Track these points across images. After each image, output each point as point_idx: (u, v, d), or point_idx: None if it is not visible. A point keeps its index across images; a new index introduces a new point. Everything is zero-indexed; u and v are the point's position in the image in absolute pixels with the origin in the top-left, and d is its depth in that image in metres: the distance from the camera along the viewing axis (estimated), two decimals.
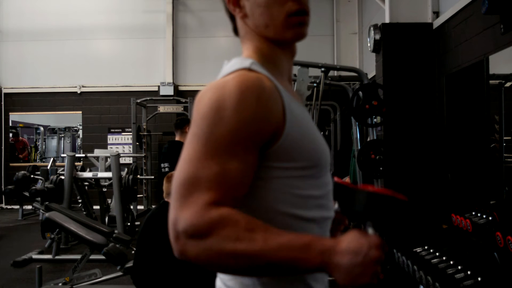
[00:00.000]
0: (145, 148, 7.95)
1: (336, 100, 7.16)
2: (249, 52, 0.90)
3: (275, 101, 0.78)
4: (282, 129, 0.78)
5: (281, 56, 0.91)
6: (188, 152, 0.75)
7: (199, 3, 8.90)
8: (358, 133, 4.16)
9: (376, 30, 3.99)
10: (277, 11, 0.85)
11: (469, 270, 1.92)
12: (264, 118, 0.75)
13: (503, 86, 3.09)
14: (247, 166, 0.75)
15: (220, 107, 0.74)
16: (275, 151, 0.78)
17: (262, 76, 0.79)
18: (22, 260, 4.59)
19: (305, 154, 0.81)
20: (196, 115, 0.77)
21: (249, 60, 0.83)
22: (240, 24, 0.91)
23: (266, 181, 0.80)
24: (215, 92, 0.76)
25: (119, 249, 3.53)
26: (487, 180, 3.12)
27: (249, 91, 0.75)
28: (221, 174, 0.73)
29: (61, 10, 9.00)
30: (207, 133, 0.74)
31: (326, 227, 0.88)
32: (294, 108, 0.82)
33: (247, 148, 0.75)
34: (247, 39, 0.91)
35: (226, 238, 0.69)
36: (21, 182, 7.14)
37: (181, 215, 0.71)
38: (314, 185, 0.84)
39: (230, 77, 0.78)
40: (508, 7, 2.73)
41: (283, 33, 0.86)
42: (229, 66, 0.84)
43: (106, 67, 8.91)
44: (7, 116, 9.20)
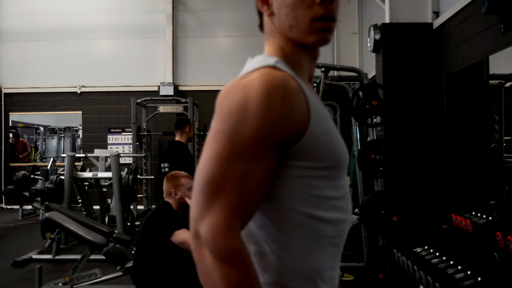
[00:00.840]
0: (145, 148, 7.95)
1: (336, 100, 7.16)
2: (272, 49, 0.89)
3: (300, 101, 0.78)
4: (306, 128, 0.77)
5: (304, 57, 0.90)
6: (212, 149, 0.75)
7: (199, 3, 8.90)
8: (358, 133, 4.16)
9: (376, 30, 3.99)
10: (302, 13, 0.84)
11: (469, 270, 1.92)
12: (290, 118, 0.75)
13: (503, 86, 3.09)
14: (270, 166, 0.76)
15: (246, 105, 0.74)
16: (297, 149, 0.78)
17: (287, 75, 0.79)
18: (22, 260, 4.59)
19: (326, 154, 0.81)
20: (221, 112, 0.77)
21: (274, 58, 0.82)
22: (267, 22, 0.91)
23: (284, 179, 0.80)
24: (241, 90, 0.76)
25: (119, 249, 3.53)
26: (487, 180, 3.12)
27: (275, 90, 0.75)
28: (246, 176, 0.73)
29: (61, 10, 9.00)
30: (233, 131, 0.74)
31: (343, 229, 0.87)
32: (318, 108, 0.81)
33: (272, 148, 0.75)
34: (271, 36, 0.91)
35: (228, 277, 0.71)
36: (21, 182, 7.14)
37: (205, 219, 0.73)
38: (332, 186, 0.84)
39: (256, 75, 0.77)
40: (508, 7, 2.73)
41: (306, 37, 0.86)
42: (253, 63, 0.83)
43: (106, 67, 8.91)
44: (7, 116, 9.20)
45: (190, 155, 4.44)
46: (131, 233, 5.58)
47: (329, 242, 0.84)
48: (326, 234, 0.83)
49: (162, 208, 2.74)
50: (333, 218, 0.84)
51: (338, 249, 0.88)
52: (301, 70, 0.89)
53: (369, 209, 3.26)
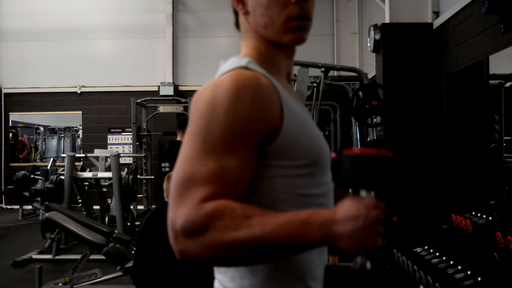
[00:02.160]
0: (145, 148, 7.95)
1: (336, 100, 7.16)
2: (247, 50, 0.90)
3: (272, 99, 0.78)
4: (280, 127, 0.78)
5: (280, 55, 0.90)
6: (185, 151, 0.75)
7: (199, 3, 8.90)
8: (358, 133, 4.16)
9: (376, 30, 3.99)
10: (277, 13, 0.84)
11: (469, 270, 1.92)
12: (261, 116, 0.75)
13: (503, 86, 3.09)
14: (244, 164, 0.75)
15: (216, 105, 0.74)
16: (274, 149, 0.78)
17: (259, 74, 0.79)
18: (22, 260, 4.59)
19: (304, 152, 0.81)
20: (193, 114, 0.77)
21: (246, 59, 0.83)
22: (242, 20, 0.92)
23: (266, 180, 0.80)
24: (212, 90, 0.77)
25: (119, 249, 3.53)
26: (487, 180, 3.12)
27: (245, 89, 0.75)
28: (218, 170, 0.72)
29: (61, 10, 9.00)
30: (204, 131, 0.74)
31: None
32: (292, 107, 0.81)
33: (244, 145, 0.74)
34: (246, 36, 0.91)
35: (224, 228, 0.68)
36: (21, 182, 7.14)
37: (178, 213, 0.70)
38: (314, 183, 0.84)
39: (226, 76, 0.78)
40: (508, 7, 2.73)
41: (281, 36, 0.86)
42: (226, 65, 0.84)
43: (106, 67, 8.91)
44: (7, 116, 9.20)
45: None
46: (131, 233, 5.58)
47: None
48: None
49: (162, 208, 2.73)
50: None
51: (323, 246, 0.87)
52: (277, 68, 0.89)
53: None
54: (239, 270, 0.82)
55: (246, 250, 0.68)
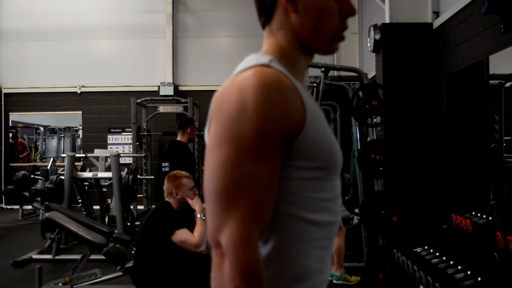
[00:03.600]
0: (145, 148, 7.95)
1: (336, 100, 7.16)
2: (270, 48, 0.89)
3: (295, 98, 0.77)
4: (303, 126, 0.77)
5: (302, 60, 0.90)
6: (218, 156, 0.74)
7: (199, 3, 8.90)
8: (358, 133, 4.16)
9: (376, 30, 3.99)
10: (331, 21, 0.86)
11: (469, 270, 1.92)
12: (288, 116, 0.75)
13: (503, 86, 3.09)
14: (277, 166, 0.76)
15: (245, 107, 0.73)
16: (293, 148, 0.77)
17: (280, 73, 0.78)
18: (22, 260, 4.59)
19: (320, 154, 0.80)
20: (220, 117, 0.76)
21: (268, 57, 0.82)
22: (281, 18, 0.88)
23: (281, 180, 0.79)
24: (237, 92, 0.75)
25: (119, 249, 3.53)
26: (487, 180, 3.12)
27: (271, 89, 0.74)
28: (257, 180, 0.73)
29: (61, 10, 9.00)
30: (236, 135, 0.73)
31: (331, 231, 0.86)
32: (313, 107, 0.81)
33: (275, 147, 0.74)
34: (278, 32, 0.89)
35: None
36: (21, 182, 7.14)
37: (225, 229, 0.72)
38: (324, 187, 0.83)
39: (249, 74, 0.77)
40: (508, 7, 2.73)
41: (329, 43, 0.88)
42: (246, 61, 0.83)
43: (106, 67, 8.92)
44: (7, 116, 9.20)
45: (191, 155, 4.44)
46: (131, 233, 5.58)
47: (317, 245, 0.83)
48: (315, 237, 0.82)
49: (163, 208, 2.74)
50: (322, 221, 0.83)
51: (327, 252, 0.87)
52: (297, 70, 0.89)
53: (369, 209, 3.26)
54: None
55: None
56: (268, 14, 0.89)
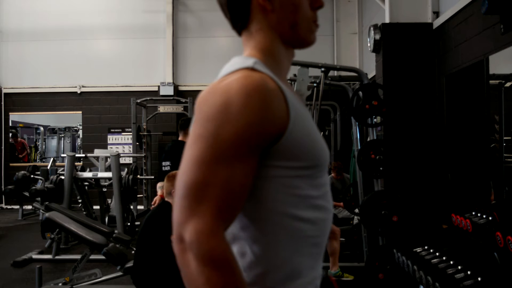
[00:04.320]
0: (145, 148, 7.95)
1: (336, 100, 7.17)
2: (253, 50, 0.90)
3: (279, 101, 0.78)
4: (286, 128, 0.78)
5: (285, 57, 0.92)
6: (192, 154, 0.75)
7: (199, 3, 8.90)
8: (358, 133, 4.16)
9: (376, 30, 3.99)
10: (307, 14, 0.89)
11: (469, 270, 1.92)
12: (270, 120, 0.75)
13: (503, 86, 3.09)
14: (251, 168, 0.76)
15: (226, 109, 0.74)
16: (277, 149, 0.78)
17: (266, 77, 0.79)
18: (22, 260, 4.59)
19: (306, 154, 0.81)
20: (200, 117, 0.77)
21: (252, 59, 0.83)
22: (259, 18, 0.89)
23: (265, 179, 0.80)
24: (221, 94, 0.76)
25: (119, 249, 3.53)
26: (487, 180, 3.12)
27: (254, 93, 0.75)
28: (228, 180, 0.73)
29: (61, 10, 9.00)
30: (214, 135, 0.74)
31: (323, 228, 0.87)
32: (297, 108, 0.82)
33: (252, 150, 0.75)
34: (258, 34, 0.90)
35: (212, 281, 0.70)
36: (21, 182, 7.14)
37: (189, 224, 0.72)
38: (312, 185, 0.84)
39: (234, 77, 0.77)
40: (508, 7, 2.73)
41: (308, 35, 0.91)
42: (230, 65, 0.84)
43: (106, 67, 8.92)
44: (7, 116, 9.20)
45: None
46: (131, 233, 5.59)
47: (310, 242, 0.84)
48: (307, 234, 0.83)
49: (162, 208, 2.74)
50: (313, 218, 0.84)
51: (319, 249, 0.87)
52: (281, 69, 0.91)
53: (369, 209, 3.26)
54: None
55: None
56: (245, 19, 0.91)
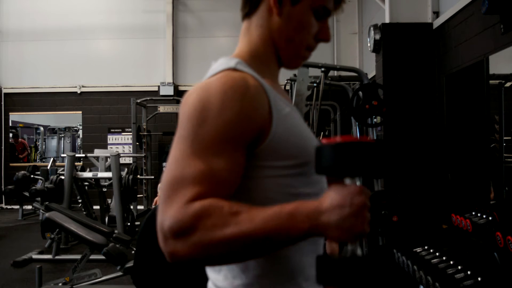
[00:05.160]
0: (145, 148, 7.95)
1: (336, 100, 7.16)
2: (242, 49, 0.90)
3: (260, 100, 0.78)
4: (269, 128, 0.78)
5: (274, 60, 0.92)
6: (174, 154, 0.75)
7: (199, 3, 8.90)
8: (358, 133, 4.15)
9: (376, 30, 3.99)
10: (305, 38, 0.87)
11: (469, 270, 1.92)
12: (249, 117, 0.75)
13: (503, 86, 3.09)
14: (233, 165, 0.75)
15: (204, 107, 0.74)
16: (264, 150, 0.78)
17: (247, 75, 0.79)
18: (22, 260, 4.59)
19: (294, 152, 0.81)
20: (181, 117, 0.77)
21: (235, 60, 0.83)
22: (264, 16, 0.88)
23: (257, 180, 0.80)
24: (199, 93, 0.77)
25: (119, 249, 3.52)
26: (487, 180, 3.12)
27: (232, 91, 0.75)
28: (206, 171, 0.72)
29: (61, 10, 9.00)
30: (192, 133, 0.74)
31: None
32: (281, 107, 0.81)
33: (232, 146, 0.74)
34: (255, 30, 0.89)
35: (212, 227, 0.68)
36: (21, 182, 7.14)
37: (166, 215, 0.70)
38: (306, 182, 0.84)
39: (214, 78, 0.78)
40: (508, 7, 2.73)
41: (294, 58, 0.90)
42: (215, 67, 0.84)
43: (106, 67, 8.91)
44: (7, 116, 9.20)
45: None
46: (131, 233, 5.58)
47: (309, 240, 0.82)
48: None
49: None
50: None
51: (318, 246, 0.87)
52: (269, 70, 0.90)
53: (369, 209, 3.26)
54: (232, 270, 0.82)
55: (236, 247, 0.68)
56: (252, 7, 0.89)
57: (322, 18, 0.88)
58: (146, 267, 2.62)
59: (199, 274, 2.53)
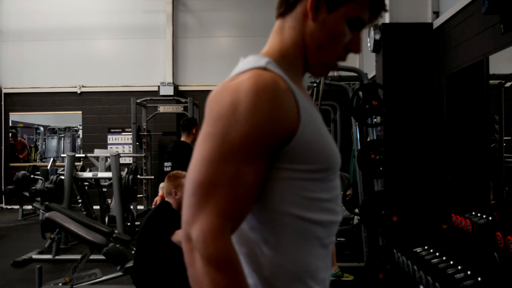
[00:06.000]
0: (145, 148, 7.95)
1: (336, 100, 7.15)
2: (273, 47, 0.89)
3: (289, 102, 0.78)
4: (296, 130, 0.77)
5: (302, 63, 0.91)
6: (202, 152, 0.75)
7: (199, 3, 8.90)
8: (358, 133, 4.16)
9: (376, 30, 3.99)
10: (336, 47, 0.87)
11: (469, 270, 1.92)
12: (279, 120, 0.75)
13: (503, 86, 3.09)
14: (260, 169, 0.76)
15: (235, 108, 0.74)
16: (288, 152, 0.78)
17: (277, 77, 0.79)
18: (22, 260, 4.59)
19: (317, 157, 0.81)
20: (210, 115, 0.77)
21: (265, 59, 0.82)
22: (298, 17, 0.87)
23: (276, 181, 0.79)
24: (231, 93, 0.76)
25: (119, 249, 3.53)
26: (487, 180, 3.12)
27: (264, 92, 0.74)
28: (236, 179, 0.73)
29: (61, 10, 9.00)
30: (223, 134, 0.74)
31: (332, 230, 0.87)
32: (309, 110, 0.81)
33: (261, 150, 0.75)
34: (288, 32, 0.88)
35: (216, 282, 0.71)
36: (21, 182, 7.14)
37: (197, 223, 0.73)
38: (324, 188, 0.84)
39: (245, 77, 0.77)
40: (508, 7, 2.73)
41: (321, 66, 0.90)
42: (244, 64, 0.83)
43: (106, 67, 8.91)
44: (7, 116, 9.20)
45: None
46: (131, 233, 5.58)
47: (319, 243, 0.84)
48: (316, 236, 0.83)
49: (162, 208, 2.74)
50: (324, 220, 0.84)
51: (328, 250, 0.87)
52: (296, 72, 0.90)
53: (369, 209, 3.26)
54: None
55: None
56: (288, 8, 0.88)
57: (356, 29, 0.88)
58: (146, 267, 2.62)
59: None
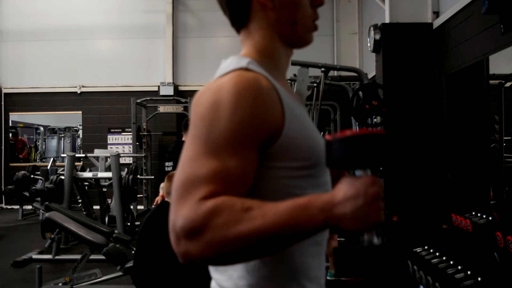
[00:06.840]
0: (145, 148, 7.95)
1: (336, 100, 7.16)
2: (250, 49, 0.90)
3: (273, 101, 0.78)
4: (281, 129, 0.78)
5: (284, 55, 0.92)
6: (187, 153, 0.75)
7: (199, 3, 8.90)
8: None
9: (376, 30, 3.99)
10: (307, 13, 0.89)
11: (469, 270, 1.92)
12: (262, 118, 0.75)
13: (503, 86, 3.09)
14: (246, 164, 0.75)
15: (217, 108, 0.74)
16: (275, 150, 0.78)
17: (259, 76, 0.79)
18: (22, 260, 4.59)
19: (304, 153, 0.81)
20: (194, 117, 0.77)
21: (246, 59, 0.83)
22: (259, 16, 0.89)
23: (267, 181, 0.80)
24: (212, 94, 0.76)
25: (119, 249, 3.53)
26: (487, 180, 3.12)
27: (245, 91, 0.75)
28: (220, 170, 0.72)
29: (61, 10, 9.00)
30: (205, 133, 0.74)
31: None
32: (293, 108, 0.82)
33: (245, 147, 0.75)
34: (257, 33, 0.90)
35: (225, 225, 0.67)
36: (21, 182, 7.14)
37: (178, 214, 0.70)
38: (314, 184, 0.84)
39: (227, 78, 0.78)
40: (508, 7, 2.73)
41: (306, 34, 0.91)
42: (225, 65, 0.84)
43: (106, 67, 8.91)
44: (7, 116, 9.20)
45: None
46: (131, 233, 5.58)
47: (312, 241, 0.83)
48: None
49: (162, 208, 2.73)
50: None
51: (321, 247, 0.87)
52: (279, 69, 0.91)
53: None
54: (236, 270, 0.82)
55: (250, 244, 0.68)
56: (244, 17, 0.90)
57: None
58: (146, 267, 2.62)
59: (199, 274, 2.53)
